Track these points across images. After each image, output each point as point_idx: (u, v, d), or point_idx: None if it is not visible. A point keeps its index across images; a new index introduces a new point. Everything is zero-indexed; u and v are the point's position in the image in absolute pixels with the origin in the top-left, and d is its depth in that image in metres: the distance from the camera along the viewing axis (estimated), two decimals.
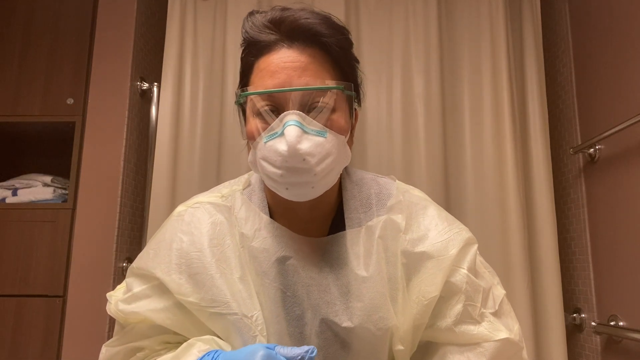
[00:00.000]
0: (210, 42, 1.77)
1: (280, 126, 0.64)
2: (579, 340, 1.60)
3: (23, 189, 1.66)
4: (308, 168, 0.63)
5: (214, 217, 0.74)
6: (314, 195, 0.68)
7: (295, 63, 0.67)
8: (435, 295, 0.69)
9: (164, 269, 0.71)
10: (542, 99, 1.69)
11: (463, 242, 0.73)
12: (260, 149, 0.66)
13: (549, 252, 1.58)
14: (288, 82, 0.66)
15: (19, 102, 1.68)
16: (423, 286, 0.70)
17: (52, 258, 1.56)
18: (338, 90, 0.67)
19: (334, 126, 0.67)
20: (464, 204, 1.64)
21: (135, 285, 0.74)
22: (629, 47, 1.39)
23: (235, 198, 0.77)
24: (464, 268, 0.72)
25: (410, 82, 1.70)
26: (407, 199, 0.77)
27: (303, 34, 0.68)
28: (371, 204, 0.76)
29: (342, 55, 0.71)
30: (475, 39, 1.72)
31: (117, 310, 0.73)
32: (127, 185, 1.66)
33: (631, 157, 1.37)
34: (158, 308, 0.71)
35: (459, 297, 0.70)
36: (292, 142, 0.61)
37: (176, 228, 0.75)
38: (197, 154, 1.68)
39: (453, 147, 1.68)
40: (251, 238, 0.72)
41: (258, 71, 0.69)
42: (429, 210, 0.78)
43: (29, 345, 1.51)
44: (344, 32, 0.72)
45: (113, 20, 1.73)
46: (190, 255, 0.71)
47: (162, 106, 1.70)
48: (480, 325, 0.69)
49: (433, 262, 0.71)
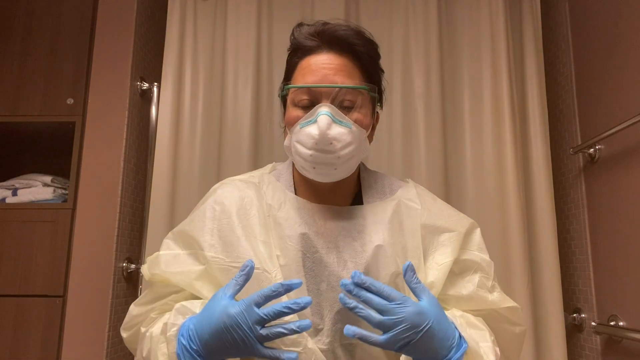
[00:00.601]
0: (210, 42, 1.77)
1: (314, 115, 0.78)
2: (579, 340, 1.60)
3: (23, 189, 1.66)
4: (334, 150, 0.77)
5: (243, 192, 0.86)
6: (336, 176, 0.81)
7: (331, 65, 0.81)
8: (449, 261, 0.81)
9: (198, 232, 0.83)
10: (542, 99, 1.69)
11: (469, 224, 0.89)
12: (296, 133, 0.80)
13: (549, 252, 1.58)
14: (324, 80, 0.80)
15: (19, 102, 1.67)
16: (437, 254, 0.83)
17: (52, 258, 1.56)
18: (364, 90, 0.82)
19: (358, 120, 0.81)
20: (464, 204, 1.64)
21: (169, 247, 0.86)
22: (629, 47, 1.39)
23: (263, 177, 0.91)
24: (473, 249, 0.86)
25: (410, 82, 1.70)
26: (420, 191, 0.92)
27: (340, 43, 0.82)
28: (385, 193, 0.90)
29: (370, 62, 0.86)
30: (475, 39, 1.72)
31: (146, 269, 0.84)
32: (127, 185, 1.66)
33: (631, 157, 1.37)
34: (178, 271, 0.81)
35: (475, 270, 0.84)
36: (323, 128, 0.75)
37: (210, 199, 0.88)
38: (197, 154, 1.68)
39: (453, 147, 1.68)
40: (277, 208, 0.84)
41: (300, 69, 0.83)
42: (438, 200, 0.94)
43: (29, 345, 1.51)
44: (373, 44, 0.88)
45: (113, 20, 1.73)
46: (221, 221, 0.83)
47: (162, 106, 1.70)
48: (493, 294, 0.82)
49: (446, 235, 0.84)
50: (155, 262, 0.84)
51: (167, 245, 0.87)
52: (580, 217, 1.61)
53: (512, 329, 0.84)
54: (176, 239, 0.87)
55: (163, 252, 0.85)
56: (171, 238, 0.88)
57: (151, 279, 0.84)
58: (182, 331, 0.71)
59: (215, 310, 0.70)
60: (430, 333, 0.69)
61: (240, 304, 0.69)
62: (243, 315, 0.68)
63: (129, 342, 0.87)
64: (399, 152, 1.66)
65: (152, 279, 0.83)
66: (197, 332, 0.70)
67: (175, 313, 0.75)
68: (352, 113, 0.80)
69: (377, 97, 0.87)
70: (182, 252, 0.84)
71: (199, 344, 0.69)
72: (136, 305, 0.85)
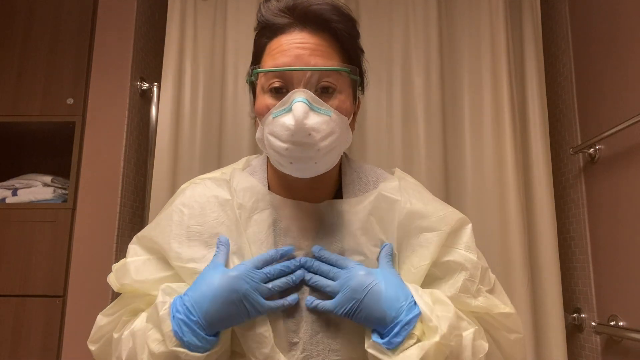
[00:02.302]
0: (210, 42, 1.77)
1: (288, 102, 0.68)
2: (579, 340, 1.60)
3: (23, 189, 1.66)
4: (312, 143, 0.67)
5: (214, 191, 0.79)
6: (317, 171, 0.71)
7: (305, 44, 0.71)
8: (425, 265, 0.73)
9: (164, 239, 0.75)
10: (542, 99, 1.69)
11: (456, 221, 0.77)
12: (269, 124, 0.70)
13: (549, 252, 1.58)
14: (298, 61, 0.70)
15: (19, 102, 1.67)
16: (414, 257, 0.74)
17: (52, 258, 1.56)
18: (344, 73, 0.72)
19: (339, 106, 0.71)
20: (464, 204, 1.64)
21: (137, 252, 0.79)
22: (629, 47, 1.39)
23: (235, 174, 0.81)
24: (460, 248, 0.75)
25: (410, 82, 1.70)
26: (403, 183, 0.81)
27: (314, 19, 0.72)
28: (369, 189, 0.80)
29: (350, 41, 0.76)
30: (475, 39, 1.72)
31: (113, 278, 0.77)
32: (127, 185, 1.66)
33: (631, 157, 1.37)
34: (150, 279, 0.75)
35: (459, 274, 0.73)
36: (299, 117, 0.65)
37: (177, 201, 0.80)
38: (197, 154, 1.68)
39: (453, 147, 1.68)
40: (249, 208, 0.76)
41: (270, 51, 0.73)
42: (424, 193, 0.83)
43: (29, 345, 1.51)
44: (352, 20, 0.76)
45: (113, 20, 1.72)
46: (190, 227, 0.75)
47: (162, 106, 1.70)
48: (477, 300, 0.72)
49: (426, 236, 0.75)
50: (123, 270, 0.76)
51: (134, 251, 0.79)
52: (580, 217, 1.61)
53: (507, 335, 0.75)
54: (142, 244, 0.80)
55: (131, 259, 0.78)
56: (136, 243, 0.81)
57: (120, 290, 0.77)
58: (176, 307, 0.67)
59: (213, 277, 0.67)
60: (376, 293, 0.66)
61: (241, 267, 0.68)
62: (248, 276, 0.67)
63: (99, 354, 0.80)
64: (399, 152, 1.66)
65: (122, 289, 0.76)
66: (195, 303, 0.66)
67: (162, 293, 0.70)
68: (331, 99, 0.71)
69: (358, 80, 0.77)
70: (151, 257, 0.78)
71: (199, 314, 0.65)
72: (104, 315, 0.79)
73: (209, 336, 0.66)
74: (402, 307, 0.66)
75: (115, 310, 0.77)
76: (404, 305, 0.66)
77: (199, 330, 0.65)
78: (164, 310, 0.67)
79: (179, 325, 0.65)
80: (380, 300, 0.66)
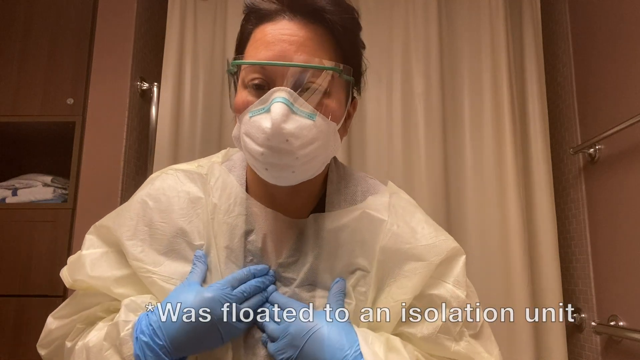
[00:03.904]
0: (210, 42, 1.78)
1: (267, 102, 0.60)
2: (579, 340, 1.60)
3: (23, 189, 1.66)
4: (290, 150, 0.59)
5: (185, 186, 0.71)
6: (294, 180, 0.64)
7: (293, 37, 0.62)
8: (406, 299, 0.64)
9: (123, 232, 0.68)
10: (542, 99, 1.69)
11: (448, 251, 0.67)
12: (245, 123, 0.62)
13: (549, 252, 1.58)
14: (283, 56, 0.61)
15: (19, 102, 1.67)
16: (394, 287, 0.65)
17: (52, 258, 1.56)
18: (335, 72, 0.63)
19: (326, 111, 0.62)
20: (464, 204, 1.64)
21: (93, 244, 0.72)
22: (629, 47, 1.39)
23: (213, 168, 0.72)
24: (449, 282, 0.66)
25: (410, 82, 1.70)
26: (394, 200, 0.72)
27: (305, 7, 0.63)
28: (356, 201, 0.71)
29: (346, 36, 0.66)
30: (475, 39, 1.72)
31: (65, 273, 0.71)
32: (127, 185, 1.66)
33: (631, 157, 1.37)
34: (106, 276, 0.68)
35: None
36: (276, 120, 0.57)
37: (144, 192, 0.72)
38: (197, 154, 1.68)
39: (453, 147, 1.69)
40: (223, 211, 0.68)
41: (254, 41, 0.65)
42: (417, 214, 0.72)
43: (29, 345, 1.51)
44: (350, 11, 0.67)
45: (113, 20, 1.72)
46: (153, 222, 0.69)
47: (162, 106, 1.70)
48: (458, 344, 0.64)
49: (411, 265, 0.65)
50: (78, 264, 0.69)
51: (91, 243, 0.72)
52: (580, 217, 1.61)
53: None
54: (100, 234, 0.73)
55: (87, 252, 0.70)
56: (94, 233, 0.73)
57: (73, 286, 0.70)
58: (140, 327, 0.60)
59: (187, 297, 0.61)
60: (318, 340, 0.59)
61: (216, 287, 0.62)
62: (224, 297, 0.61)
63: (49, 359, 0.74)
64: (399, 152, 1.66)
65: (75, 285, 0.69)
66: (163, 324, 0.59)
67: (125, 310, 0.63)
68: (318, 101, 0.61)
69: (352, 81, 0.67)
70: (109, 250, 0.70)
71: (165, 338, 0.59)
72: (54, 317, 0.72)
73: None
74: (347, 357, 0.58)
75: (67, 313, 0.71)
76: (349, 355, 0.58)
77: (164, 355, 0.59)
78: (126, 331, 0.61)
79: (142, 349, 0.59)
80: (323, 348, 0.59)
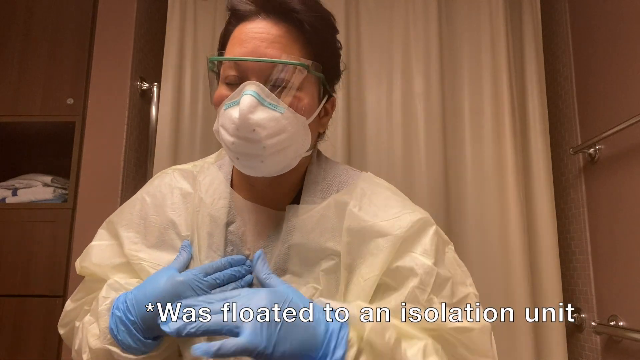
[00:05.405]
0: (210, 42, 1.77)
1: (239, 95, 0.64)
2: (579, 340, 1.60)
3: (23, 189, 1.66)
4: (257, 139, 0.63)
5: (179, 183, 0.78)
6: (265, 171, 0.68)
7: (264, 34, 0.67)
8: (374, 276, 0.65)
9: (123, 225, 0.77)
10: (542, 99, 1.69)
11: (414, 223, 0.67)
12: (221, 115, 0.67)
13: (549, 252, 1.58)
14: (255, 52, 0.66)
15: (19, 102, 1.67)
16: (363, 267, 0.66)
17: (52, 258, 1.56)
18: (303, 68, 0.67)
19: (295, 105, 0.66)
20: (464, 204, 1.64)
21: (102, 237, 0.80)
22: (629, 47, 1.39)
23: (204, 167, 0.80)
24: (416, 252, 0.66)
25: (410, 82, 1.70)
26: (363, 184, 0.74)
27: (278, 8, 0.68)
28: (331, 191, 0.74)
29: (316, 34, 0.70)
30: (475, 39, 1.72)
31: (78, 261, 0.78)
32: (127, 185, 1.66)
33: (631, 157, 1.37)
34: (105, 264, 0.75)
35: (408, 281, 0.64)
36: (244, 111, 0.62)
37: (144, 189, 0.81)
38: (197, 154, 1.68)
39: (453, 147, 1.68)
40: (208, 204, 0.74)
41: (232, 39, 0.70)
42: (384, 192, 0.74)
43: (29, 345, 1.51)
44: (321, 12, 0.72)
45: (113, 20, 1.72)
46: (149, 217, 0.76)
47: (162, 106, 1.70)
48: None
49: (377, 242, 0.67)
50: (86, 253, 0.78)
51: (100, 236, 0.80)
52: (580, 217, 1.61)
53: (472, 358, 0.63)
54: (108, 228, 0.80)
55: (96, 243, 0.79)
56: (104, 228, 0.81)
57: (81, 272, 0.78)
58: (117, 304, 0.65)
59: (160, 279, 0.65)
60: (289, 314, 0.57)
61: (189, 273, 0.66)
62: (195, 281, 0.65)
63: (67, 338, 0.80)
64: (399, 151, 1.66)
65: (82, 271, 0.78)
66: (137, 302, 0.64)
67: (107, 288, 0.69)
68: (286, 95, 0.65)
69: (322, 78, 0.72)
70: (114, 243, 0.77)
71: (136, 314, 0.63)
72: (72, 300, 0.79)
73: (146, 339, 0.64)
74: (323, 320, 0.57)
75: (81, 296, 0.78)
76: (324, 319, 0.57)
77: (135, 331, 0.63)
78: (104, 306, 0.67)
79: (115, 323, 0.64)
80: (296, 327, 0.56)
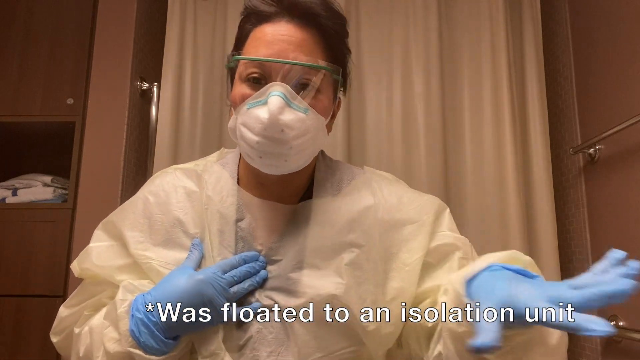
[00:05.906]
0: (210, 42, 1.77)
1: (265, 95, 0.65)
2: (579, 340, 1.60)
3: (23, 189, 1.66)
4: (285, 140, 0.65)
5: (182, 182, 0.77)
6: (286, 169, 0.69)
7: (291, 37, 0.68)
8: (417, 258, 0.71)
9: (126, 226, 0.75)
10: (542, 99, 1.69)
11: (436, 208, 0.77)
12: (242, 114, 0.68)
13: (549, 252, 1.58)
14: (281, 54, 0.67)
15: (19, 102, 1.68)
16: (401, 254, 0.72)
17: (52, 258, 1.56)
18: (327, 72, 0.70)
19: (317, 106, 0.69)
20: (464, 204, 1.64)
21: (100, 238, 0.78)
22: (629, 47, 1.39)
23: (207, 166, 0.80)
24: (445, 230, 0.75)
25: (410, 82, 1.70)
26: (372, 176, 0.80)
27: (302, 12, 0.70)
28: (342, 187, 0.77)
29: (336, 39, 0.73)
30: (475, 39, 1.72)
31: (75, 264, 0.77)
32: (127, 185, 1.66)
33: (631, 157, 1.37)
34: (109, 265, 0.74)
35: (453, 255, 0.72)
36: (274, 112, 0.63)
37: (146, 189, 0.79)
38: (197, 154, 1.68)
39: (453, 147, 1.68)
40: (216, 201, 0.74)
41: (254, 39, 0.71)
42: (397, 183, 0.81)
43: (29, 345, 1.51)
44: (341, 18, 0.74)
45: (113, 20, 1.73)
46: (154, 215, 0.74)
47: (162, 106, 1.70)
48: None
49: (409, 228, 0.73)
50: (85, 255, 0.76)
51: (98, 237, 0.79)
52: (580, 217, 1.61)
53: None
54: (106, 229, 0.79)
55: (94, 245, 0.77)
56: (101, 229, 0.80)
57: (81, 275, 0.76)
58: (136, 305, 0.64)
59: (179, 279, 0.65)
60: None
61: (208, 271, 0.66)
62: (214, 280, 0.65)
63: (61, 347, 0.79)
64: (399, 152, 1.66)
65: (82, 274, 0.76)
66: (157, 303, 0.63)
67: (122, 290, 0.68)
68: (310, 97, 0.68)
69: (340, 81, 0.75)
70: (115, 243, 0.76)
71: (159, 315, 0.63)
72: (65, 306, 0.77)
73: (167, 339, 0.64)
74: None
75: (77, 302, 0.76)
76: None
77: (158, 332, 0.63)
78: (122, 308, 0.65)
79: (137, 325, 0.63)
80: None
